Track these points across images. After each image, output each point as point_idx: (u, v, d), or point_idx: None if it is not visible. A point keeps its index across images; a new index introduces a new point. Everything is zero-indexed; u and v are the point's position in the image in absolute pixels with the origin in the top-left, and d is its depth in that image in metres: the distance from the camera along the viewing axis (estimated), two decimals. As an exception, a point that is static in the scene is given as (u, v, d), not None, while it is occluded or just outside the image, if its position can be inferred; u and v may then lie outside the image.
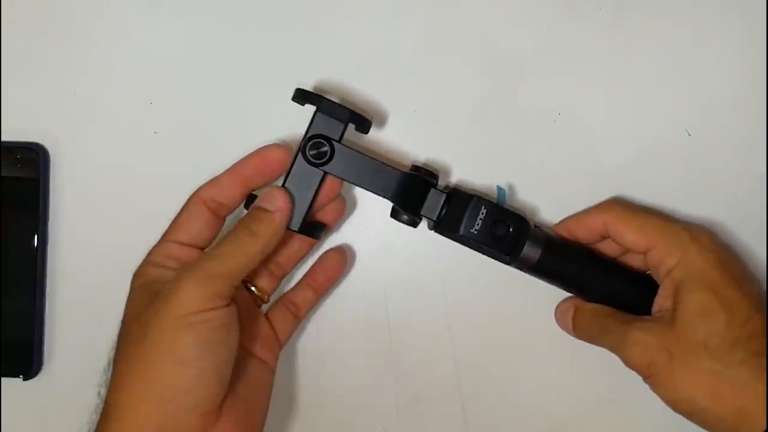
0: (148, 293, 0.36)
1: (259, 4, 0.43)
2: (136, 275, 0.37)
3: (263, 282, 0.42)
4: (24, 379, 0.43)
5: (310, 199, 0.38)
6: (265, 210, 0.37)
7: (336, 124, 0.38)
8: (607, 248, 0.41)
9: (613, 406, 0.44)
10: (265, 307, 0.42)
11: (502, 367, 0.44)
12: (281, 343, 0.42)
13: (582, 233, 0.41)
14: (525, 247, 0.39)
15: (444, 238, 0.40)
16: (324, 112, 0.38)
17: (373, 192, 0.39)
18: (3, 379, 0.44)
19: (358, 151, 0.38)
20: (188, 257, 0.38)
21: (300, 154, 0.38)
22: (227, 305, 0.35)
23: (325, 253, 0.43)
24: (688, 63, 0.43)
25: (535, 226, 0.41)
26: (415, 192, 0.39)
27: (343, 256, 0.43)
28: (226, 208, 0.38)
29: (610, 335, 0.39)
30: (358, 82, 0.43)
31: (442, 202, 0.39)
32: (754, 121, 0.43)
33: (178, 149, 0.44)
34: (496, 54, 0.43)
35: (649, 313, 0.39)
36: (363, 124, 0.39)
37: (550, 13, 0.43)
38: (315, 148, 0.38)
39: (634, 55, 0.43)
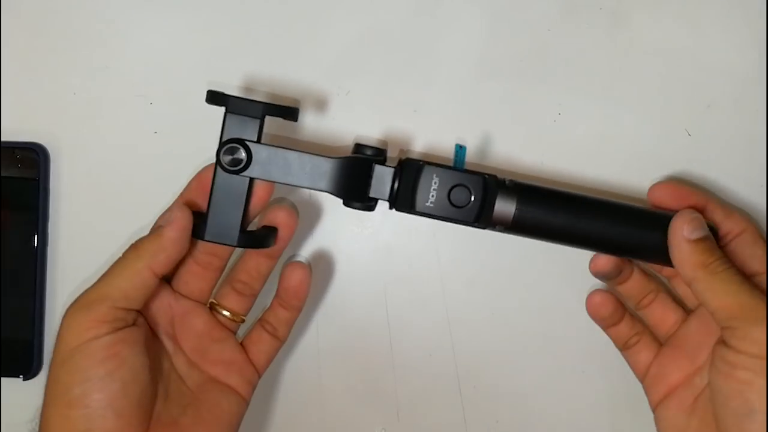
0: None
1: (259, 4, 0.43)
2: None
3: (232, 303, 0.40)
4: (24, 379, 0.43)
5: (241, 209, 0.35)
6: (158, 227, 0.35)
7: (250, 122, 0.35)
8: None
9: (613, 406, 0.44)
10: (244, 329, 0.41)
11: (502, 366, 0.44)
12: (259, 367, 0.40)
13: (717, 217, 0.37)
14: (495, 205, 0.35)
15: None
16: (234, 111, 0.35)
17: (307, 188, 0.36)
18: (3, 379, 0.44)
19: (281, 147, 0.35)
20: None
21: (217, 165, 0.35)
22: (114, 330, 0.33)
23: (284, 269, 0.40)
24: (688, 63, 0.43)
25: (509, 181, 0.36)
26: (355, 175, 0.36)
27: (302, 270, 0.39)
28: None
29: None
30: (357, 82, 0.43)
31: (392, 177, 0.36)
32: (754, 121, 0.43)
33: (178, 149, 0.44)
34: (496, 54, 0.43)
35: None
36: (286, 112, 0.35)
37: (550, 14, 0.43)
38: (229, 154, 0.35)
39: (634, 55, 0.43)
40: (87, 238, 0.44)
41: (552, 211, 0.36)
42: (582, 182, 0.43)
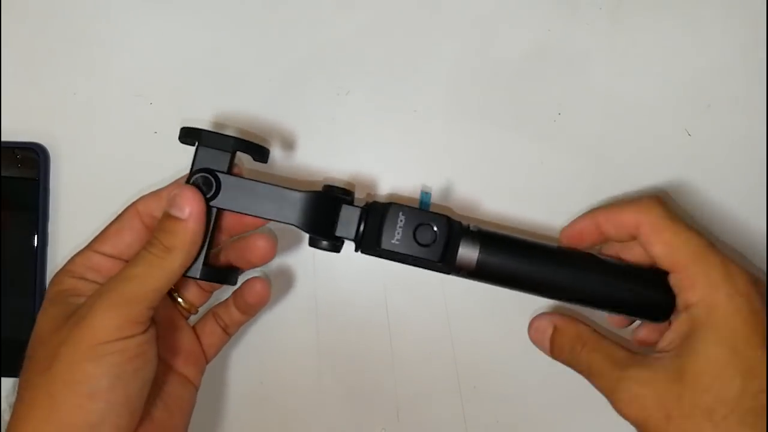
0: (61, 308, 0.33)
1: (259, 4, 0.43)
2: (52, 283, 0.35)
3: (191, 294, 0.39)
4: (24, 379, 0.43)
5: (206, 240, 0.35)
6: (176, 219, 0.34)
7: (221, 155, 0.35)
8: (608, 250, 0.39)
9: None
10: (194, 319, 0.41)
11: (502, 366, 0.44)
12: (208, 358, 0.40)
13: (611, 229, 0.36)
14: (459, 249, 0.35)
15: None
16: (207, 144, 0.35)
17: (275, 220, 0.36)
18: (3, 379, 0.44)
19: (250, 179, 0.35)
20: (110, 270, 0.35)
21: None
22: (144, 331, 0.33)
23: (250, 280, 0.40)
24: (688, 63, 0.43)
25: (471, 226, 0.37)
26: (323, 212, 0.36)
27: (266, 288, 0.39)
28: None
29: (600, 379, 0.35)
30: (358, 81, 0.43)
31: (358, 217, 0.36)
32: (754, 121, 0.43)
33: (178, 149, 0.43)
34: (496, 54, 0.43)
35: (636, 312, 0.35)
36: (258, 152, 0.36)
37: (550, 13, 0.43)
38: (199, 183, 0.35)
39: (634, 55, 0.43)
40: (87, 238, 0.44)
41: (515, 259, 0.36)
42: (582, 182, 0.43)
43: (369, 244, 0.36)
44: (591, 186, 0.43)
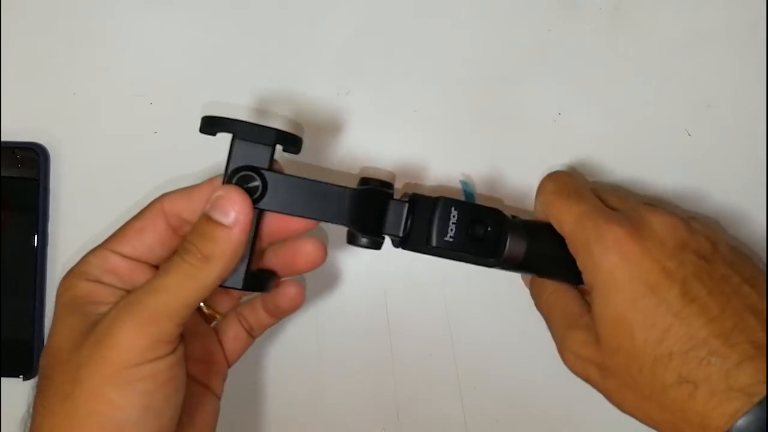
0: (79, 319, 0.30)
1: (259, 4, 0.43)
2: (64, 286, 0.31)
3: (217, 300, 0.36)
4: (24, 379, 0.43)
5: (249, 247, 0.31)
6: (219, 224, 0.29)
7: (261, 149, 0.31)
8: None
9: (613, 406, 0.44)
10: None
11: (502, 366, 0.44)
12: (230, 363, 0.37)
13: (539, 214, 0.37)
14: (508, 243, 0.34)
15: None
16: (244, 138, 0.31)
17: (325, 221, 0.33)
18: (3, 379, 0.44)
19: (297, 177, 0.32)
20: (130, 274, 0.31)
21: None
22: (174, 350, 0.29)
23: (284, 283, 0.36)
24: (688, 63, 0.43)
25: (513, 216, 0.36)
26: (372, 209, 0.34)
27: (301, 293, 0.36)
28: (190, 226, 0.31)
29: (553, 333, 0.36)
30: (358, 81, 0.43)
31: (405, 213, 0.34)
32: (754, 121, 0.43)
33: (178, 149, 0.44)
34: (496, 54, 0.43)
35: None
36: (293, 142, 0.32)
37: (550, 14, 0.43)
38: (243, 182, 0.31)
39: (634, 55, 0.43)
40: (87, 238, 0.44)
41: (556, 246, 0.35)
42: (582, 182, 0.43)
43: (416, 240, 0.34)
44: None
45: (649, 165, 0.43)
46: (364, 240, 0.34)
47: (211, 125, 0.32)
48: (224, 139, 0.33)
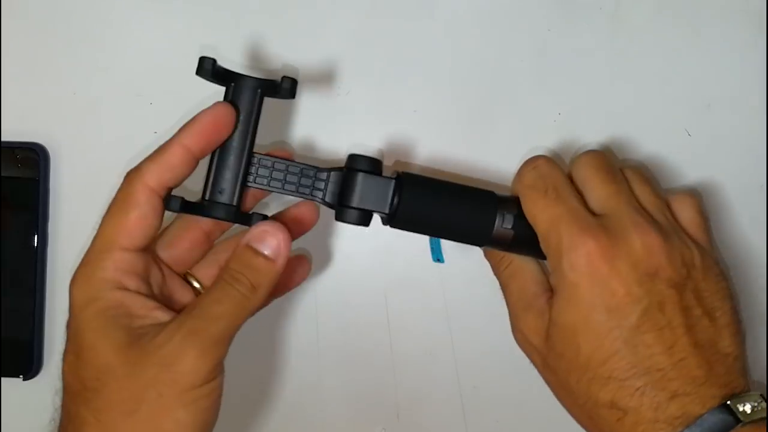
0: (122, 334, 0.31)
1: (259, 4, 0.43)
2: (87, 296, 0.32)
3: (211, 272, 0.37)
4: (24, 379, 0.43)
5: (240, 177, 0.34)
6: (264, 258, 0.32)
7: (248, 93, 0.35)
8: None
9: (613, 406, 0.44)
10: None
11: (502, 366, 0.44)
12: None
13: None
14: (496, 222, 0.35)
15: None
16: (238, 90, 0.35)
17: (303, 197, 0.35)
18: (3, 379, 0.44)
19: (278, 157, 0.35)
20: (146, 270, 0.33)
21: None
22: (222, 371, 0.32)
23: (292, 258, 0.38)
24: (688, 63, 0.43)
25: (497, 193, 0.37)
26: (351, 186, 0.35)
27: (304, 267, 0.39)
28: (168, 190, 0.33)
29: (509, 308, 0.37)
30: (358, 81, 0.43)
31: (392, 190, 0.35)
32: (754, 121, 0.43)
33: (178, 149, 0.43)
34: (496, 54, 0.43)
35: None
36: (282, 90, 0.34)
37: (550, 14, 0.43)
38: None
39: (634, 55, 0.43)
40: (87, 238, 0.44)
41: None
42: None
43: (404, 218, 0.35)
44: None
45: (648, 165, 0.43)
46: (352, 214, 0.35)
47: (211, 74, 0.35)
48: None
